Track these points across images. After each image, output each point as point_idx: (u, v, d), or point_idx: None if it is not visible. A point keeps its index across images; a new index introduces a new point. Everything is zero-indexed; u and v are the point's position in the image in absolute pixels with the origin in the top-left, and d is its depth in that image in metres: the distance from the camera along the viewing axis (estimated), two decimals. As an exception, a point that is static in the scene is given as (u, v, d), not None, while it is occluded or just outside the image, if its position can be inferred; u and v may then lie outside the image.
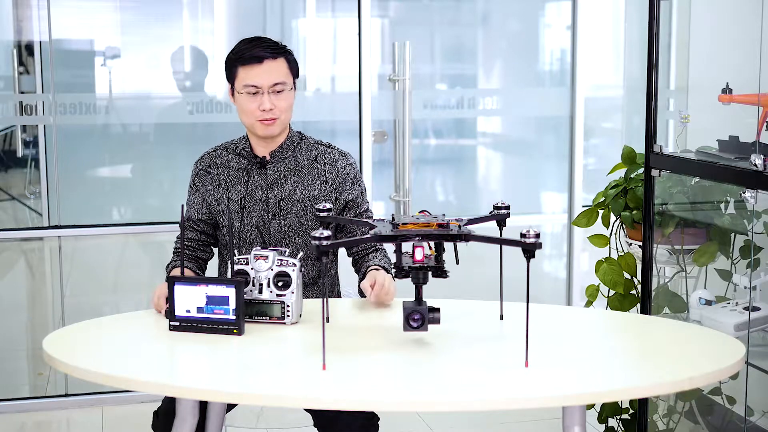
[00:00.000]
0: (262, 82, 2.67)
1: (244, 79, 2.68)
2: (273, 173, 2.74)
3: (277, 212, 2.72)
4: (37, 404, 4.16)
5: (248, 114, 2.70)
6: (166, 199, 4.40)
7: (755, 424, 3.03)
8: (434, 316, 2.17)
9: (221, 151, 2.81)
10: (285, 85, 2.69)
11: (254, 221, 2.73)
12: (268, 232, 2.73)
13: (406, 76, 4.23)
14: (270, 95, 2.67)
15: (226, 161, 2.78)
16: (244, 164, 2.76)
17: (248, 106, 2.69)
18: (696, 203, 3.31)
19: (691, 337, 2.36)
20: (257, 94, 2.67)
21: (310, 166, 2.75)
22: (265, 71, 2.67)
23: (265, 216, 2.73)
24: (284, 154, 2.75)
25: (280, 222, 2.72)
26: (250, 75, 2.67)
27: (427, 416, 3.92)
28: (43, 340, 2.30)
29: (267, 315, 2.39)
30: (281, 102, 2.69)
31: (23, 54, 4.22)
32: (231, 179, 2.76)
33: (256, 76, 2.67)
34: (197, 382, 2.11)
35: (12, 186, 4.47)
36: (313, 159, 2.77)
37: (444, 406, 1.97)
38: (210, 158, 2.80)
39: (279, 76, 2.68)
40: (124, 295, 4.53)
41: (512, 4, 4.70)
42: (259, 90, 2.67)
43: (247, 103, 2.69)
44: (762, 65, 2.83)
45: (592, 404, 3.22)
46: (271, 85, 2.67)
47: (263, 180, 2.74)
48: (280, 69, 2.69)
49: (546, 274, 4.82)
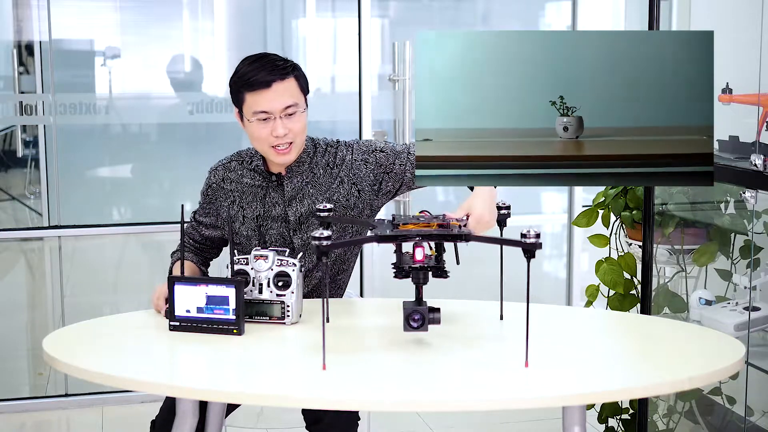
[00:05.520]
0: (273, 107, 2.51)
1: (252, 106, 2.52)
2: (291, 189, 2.62)
3: (297, 227, 2.62)
4: (37, 404, 4.16)
5: (261, 141, 2.55)
6: (166, 199, 4.40)
7: (755, 424, 3.03)
8: (434, 316, 2.16)
9: (236, 164, 2.68)
10: (297, 107, 2.53)
11: (273, 238, 2.64)
12: (292, 248, 2.63)
13: (406, 76, 4.23)
14: (282, 119, 2.52)
15: (240, 176, 2.66)
16: (259, 181, 2.65)
17: (260, 133, 2.53)
18: (696, 203, 3.31)
19: (691, 337, 2.36)
20: (268, 120, 2.52)
21: (325, 174, 2.63)
22: (275, 95, 2.51)
23: (286, 233, 2.63)
24: (300, 168, 2.62)
25: (302, 236, 2.63)
26: (259, 101, 2.51)
27: (427, 416, 3.92)
28: (43, 340, 2.30)
29: (267, 315, 2.39)
30: (295, 125, 2.53)
31: (23, 54, 4.22)
32: (246, 197, 2.65)
33: (265, 102, 2.51)
34: (197, 382, 2.11)
35: (12, 186, 4.47)
36: (327, 165, 2.64)
37: (444, 406, 1.97)
38: (224, 172, 2.68)
39: (290, 98, 2.52)
40: (124, 295, 4.54)
41: (512, 4, 4.70)
42: (271, 116, 2.51)
43: (259, 130, 2.53)
44: (762, 65, 2.83)
45: (592, 404, 3.22)
46: (282, 109, 2.51)
47: (280, 197, 2.63)
48: (291, 90, 2.53)
49: (546, 274, 4.82)
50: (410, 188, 2.69)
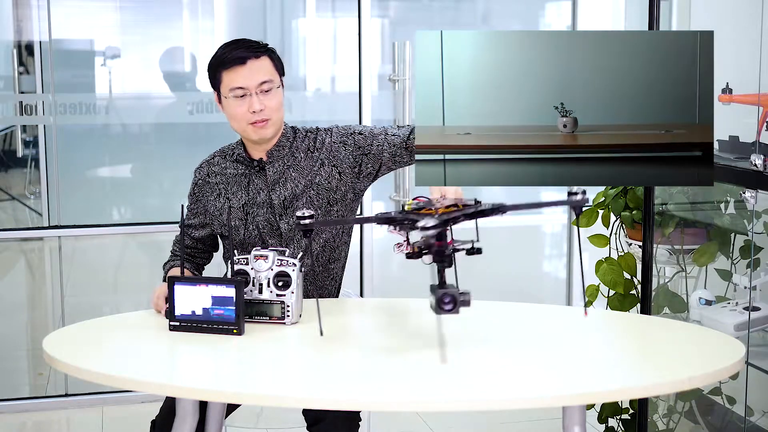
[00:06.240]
0: (248, 83, 2.59)
1: (229, 83, 2.60)
2: (272, 173, 2.69)
3: (282, 212, 2.68)
4: (37, 404, 4.16)
5: (238, 119, 2.62)
6: (166, 199, 4.40)
7: (755, 424, 3.03)
8: (465, 298, 2.12)
9: (219, 159, 2.75)
10: (272, 83, 2.62)
11: (260, 225, 2.68)
12: (278, 233, 2.69)
13: (406, 76, 4.23)
14: (258, 95, 2.59)
15: (224, 168, 2.73)
16: (242, 170, 2.71)
17: (237, 110, 2.61)
18: (696, 203, 3.31)
19: (691, 337, 2.36)
20: (245, 97, 2.60)
21: (306, 158, 2.69)
22: (249, 71, 2.59)
23: (272, 218, 2.68)
24: (281, 152, 2.69)
25: (288, 220, 2.68)
26: (234, 78, 2.60)
27: (427, 416, 3.92)
28: (43, 340, 2.30)
29: (267, 315, 2.39)
30: (271, 101, 2.61)
31: (23, 54, 4.22)
32: (231, 187, 2.71)
33: (241, 78, 2.59)
34: (197, 382, 2.11)
35: (12, 186, 4.47)
36: (307, 149, 2.70)
37: (444, 406, 1.97)
38: (208, 167, 2.75)
39: (265, 75, 2.60)
40: (124, 295, 4.54)
41: (512, 4, 4.70)
42: (247, 91, 2.59)
43: (236, 107, 2.61)
44: (762, 65, 2.83)
45: (592, 404, 3.22)
46: (257, 85, 2.59)
47: (263, 182, 2.69)
48: (265, 67, 2.62)
49: (546, 274, 4.82)
50: (391, 168, 2.73)
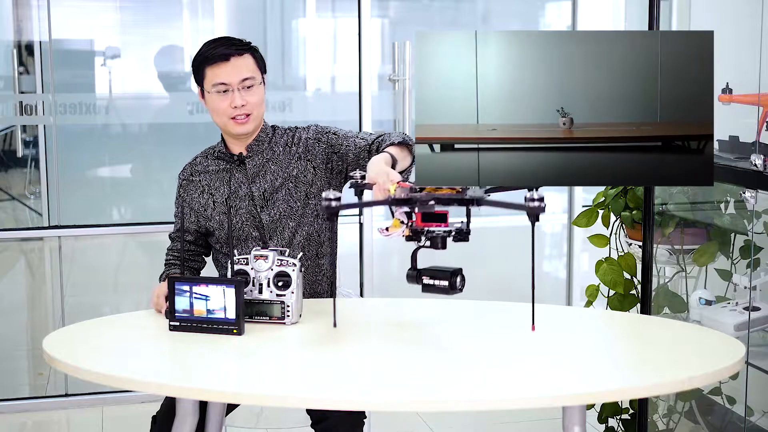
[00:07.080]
0: (230, 78, 2.68)
1: (212, 79, 2.69)
2: (252, 167, 2.75)
3: (263, 204, 2.73)
4: (37, 404, 4.16)
5: (220, 113, 2.70)
6: (166, 199, 4.38)
7: (755, 424, 3.03)
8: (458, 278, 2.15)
9: (201, 158, 2.82)
10: (254, 80, 2.70)
11: (243, 218, 2.73)
12: (261, 225, 2.73)
13: (406, 76, 4.23)
14: (240, 92, 2.68)
15: (206, 167, 2.79)
16: (223, 165, 2.77)
17: (219, 105, 2.69)
18: (696, 203, 3.31)
19: (691, 337, 2.36)
20: (227, 92, 2.68)
21: (284, 152, 2.76)
22: (232, 68, 2.68)
23: (254, 210, 2.73)
24: (261, 146, 2.76)
25: (269, 212, 2.73)
26: (218, 73, 2.68)
27: (427, 416, 3.92)
28: (43, 340, 2.30)
29: (267, 315, 2.39)
30: (252, 97, 2.70)
31: (23, 54, 4.22)
32: (213, 183, 2.77)
33: (224, 74, 2.68)
34: (197, 382, 2.11)
35: (12, 186, 4.47)
36: (285, 144, 2.78)
37: (444, 406, 1.97)
38: (191, 167, 2.82)
39: (247, 71, 2.69)
40: (124, 295, 4.54)
41: (512, 4, 4.70)
42: (229, 87, 2.68)
43: (218, 102, 2.69)
44: (762, 65, 2.83)
45: (592, 404, 3.22)
46: (240, 81, 2.68)
47: (244, 176, 2.75)
48: (248, 64, 2.70)
49: (546, 274, 4.82)
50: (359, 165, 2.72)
